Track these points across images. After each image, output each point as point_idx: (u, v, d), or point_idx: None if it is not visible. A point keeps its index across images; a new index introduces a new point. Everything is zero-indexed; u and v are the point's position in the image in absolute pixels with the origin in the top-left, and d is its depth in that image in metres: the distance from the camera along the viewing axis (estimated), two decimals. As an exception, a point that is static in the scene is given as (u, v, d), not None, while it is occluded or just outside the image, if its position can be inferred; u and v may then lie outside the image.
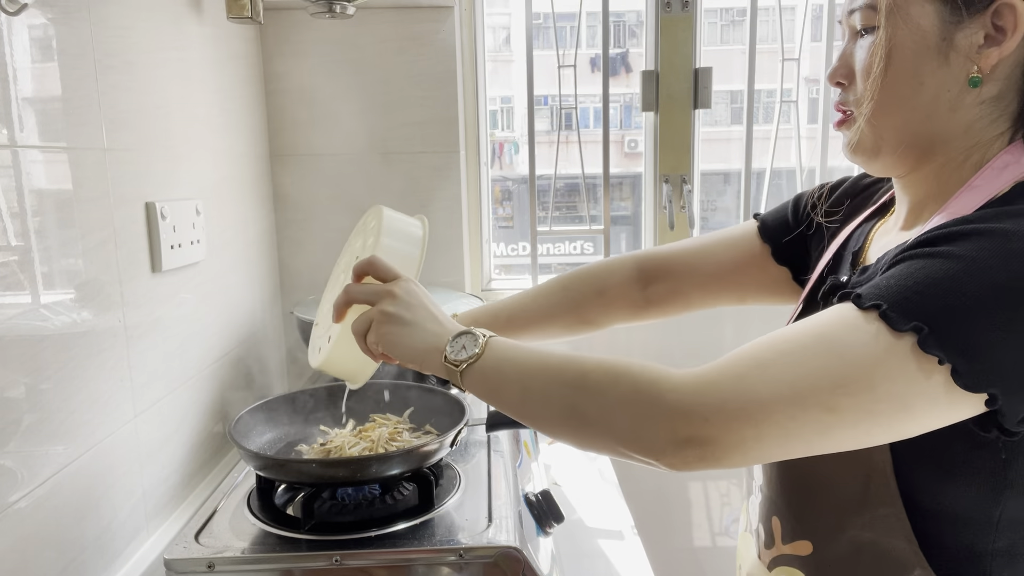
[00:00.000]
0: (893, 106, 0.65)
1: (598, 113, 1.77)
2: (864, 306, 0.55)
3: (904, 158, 0.68)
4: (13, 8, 0.74)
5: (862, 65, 0.66)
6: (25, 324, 0.79)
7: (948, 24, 0.62)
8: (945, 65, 0.63)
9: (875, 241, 0.76)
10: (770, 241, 0.90)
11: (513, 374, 0.67)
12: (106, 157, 0.94)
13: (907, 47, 0.63)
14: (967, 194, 0.63)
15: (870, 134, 0.67)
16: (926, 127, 0.65)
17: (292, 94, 1.59)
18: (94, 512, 0.91)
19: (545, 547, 0.93)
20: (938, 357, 0.52)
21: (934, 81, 0.63)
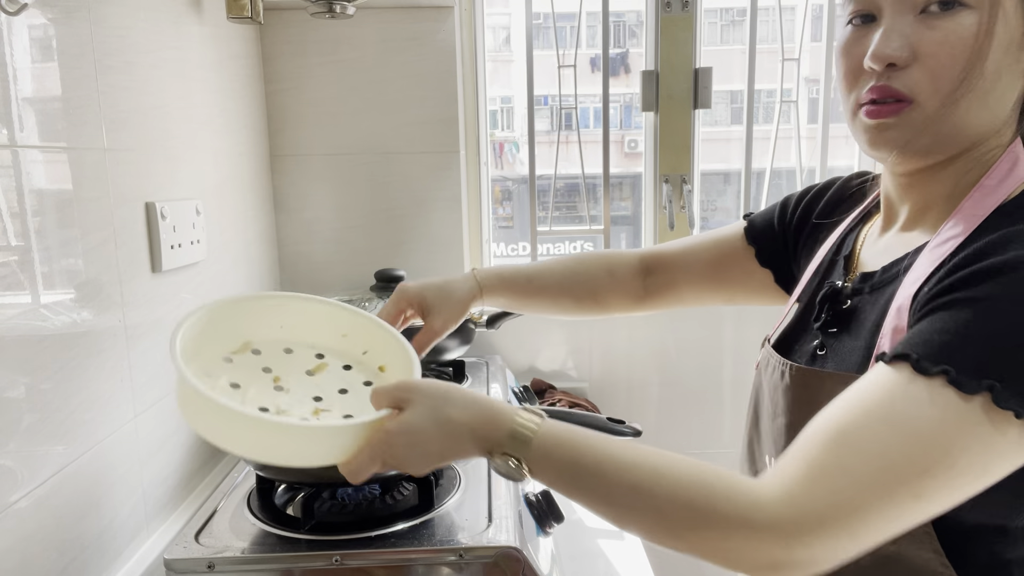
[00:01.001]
0: (963, 97, 0.60)
1: (598, 113, 1.77)
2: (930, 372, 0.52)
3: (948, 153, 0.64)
4: (13, 8, 0.74)
5: (946, 49, 0.59)
6: (25, 324, 0.79)
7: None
8: (1018, 63, 0.60)
9: (867, 243, 0.75)
10: (754, 243, 0.91)
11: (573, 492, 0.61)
12: (106, 157, 0.94)
13: (999, 37, 0.59)
14: (978, 196, 0.62)
15: (924, 124, 0.62)
16: (985, 122, 0.62)
17: (292, 94, 1.59)
18: (94, 512, 0.91)
19: (545, 547, 0.93)
20: (1015, 411, 0.51)
21: (1008, 78, 0.60)
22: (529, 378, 1.70)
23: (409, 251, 1.65)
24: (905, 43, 0.61)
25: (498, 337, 1.69)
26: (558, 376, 1.73)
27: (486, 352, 1.68)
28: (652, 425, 1.73)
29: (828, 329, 0.71)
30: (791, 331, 0.79)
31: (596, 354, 1.72)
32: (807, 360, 0.73)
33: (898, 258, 0.67)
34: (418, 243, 1.65)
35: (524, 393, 1.49)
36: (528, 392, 1.50)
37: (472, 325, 1.41)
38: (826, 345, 0.72)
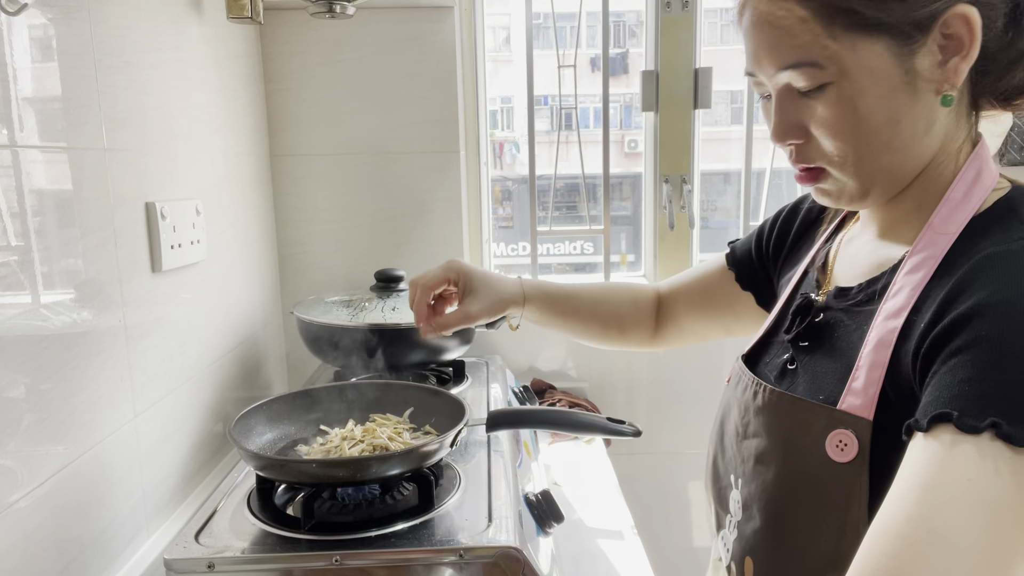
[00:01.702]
0: (877, 153, 0.63)
1: (598, 113, 1.77)
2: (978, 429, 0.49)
3: (894, 189, 0.66)
4: (13, 8, 0.74)
5: (826, 123, 0.63)
6: (25, 324, 0.79)
7: (903, 55, 0.59)
8: (915, 95, 0.61)
9: (841, 250, 0.75)
10: (734, 267, 0.93)
11: None
12: (106, 157, 0.94)
13: (872, 93, 0.60)
14: (945, 211, 0.62)
15: (857, 182, 0.65)
16: (912, 157, 0.63)
17: (292, 94, 1.59)
18: (94, 512, 0.91)
19: (545, 547, 0.93)
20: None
21: (911, 115, 0.61)
22: (529, 378, 1.70)
23: (409, 251, 1.65)
24: (793, 125, 0.65)
25: (498, 337, 1.69)
26: (558, 376, 1.73)
27: (486, 352, 1.68)
28: (651, 425, 1.73)
29: (799, 342, 0.71)
30: (762, 343, 0.79)
31: (596, 354, 1.72)
32: (776, 374, 0.72)
33: (874, 277, 0.66)
34: (418, 243, 1.65)
35: (524, 393, 1.49)
36: (528, 392, 1.50)
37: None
38: (796, 360, 0.70)
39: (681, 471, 1.78)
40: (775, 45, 0.62)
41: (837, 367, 0.65)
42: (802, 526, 0.63)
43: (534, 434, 1.37)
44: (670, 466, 1.77)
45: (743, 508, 0.71)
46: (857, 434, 0.59)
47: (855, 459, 0.59)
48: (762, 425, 0.69)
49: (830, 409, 0.62)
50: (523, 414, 1.12)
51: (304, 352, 1.46)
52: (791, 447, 0.65)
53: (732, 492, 0.73)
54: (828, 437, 0.61)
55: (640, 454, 1.73)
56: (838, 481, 0.60)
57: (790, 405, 0.66)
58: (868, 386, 0.60)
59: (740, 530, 0.71)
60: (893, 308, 0.60)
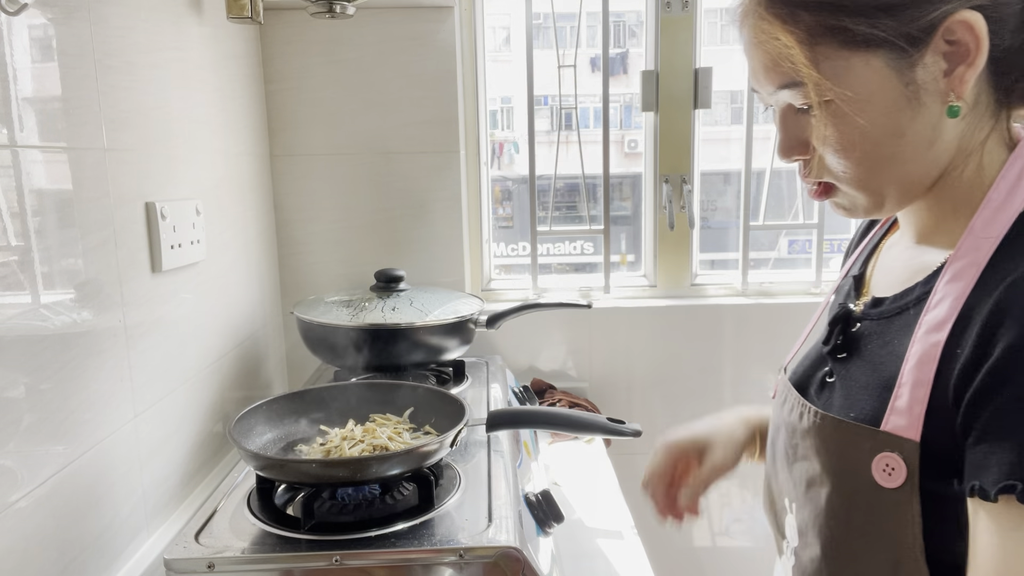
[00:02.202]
0: (882, 167, 0.61)
1: (598, 113, 1.77)
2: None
3: (909, 199, 0.65)
4: (13, 8, 0.74)
5: (825, 140, 0.62)
6: (25, 324, 0.79)
7: (901, 69, 0.58)
8: (919, 107, 0.59)
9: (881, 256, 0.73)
10: None
11: None
12: (106, 157, 0.94)
13: (871, 109, 0.59)
14: (988, 214, 0.59)
15: (866, 196, 0.64)
16: (922, 167, 0.62)
17: (292, 94, 1.59)
18: (94, 512, 0.91)
19: (545, 547, 0.93)
20: None
21: (915, 127, 0.60)
22: (529, 378, 1.70)
23: (409, 251, 1.65)
24: (797, 142, 0.65)
25: (498, 337, 1.69)
26: (558, 376, 1.73)
27: (486, 352, 1.68)
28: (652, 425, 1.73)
29: (837, 354, 0.69)
30: (802, 353, 0.77)
31: (596, 354, 1.72)
32: (816, 388, 0.70)
33: (908, 288, 0.64)
34: (418, 243, 1.65)
35: (524, 393, 1.49)
36: (528, 392, 1.50)
37: (472, 325, 1.41)
38: (835, 372, 0.68)
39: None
40: (768, 66, 0.63)
41: (871, 381, 0.62)
42: (858, 555, 0.61)
43: (534, 434, 1.37)
44: (670, 466, 1.77)
45: (799, 534, 0.68)
46: (904, 457, 0.56)
47: (904, 484, 0.56)
48: (810, 448, 0.66)
49: (873, 431, 0.58)
50: (523, 414, 1.12)
51: (304, 352, 1.46)
52: (839, 472, 0.62)
53: (787, 516, 0.71)
54: (874, 461, 0.58)
55: (640, 454, 1.72)
56: (889, 507, 0.57)
57: (834, 427, 0.63)
58: (913, 405, 0.56)
59: (798, 557, 0.69)
60: (935, 320, 0.57)
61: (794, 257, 1.97)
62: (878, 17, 0.57)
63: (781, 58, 0.60)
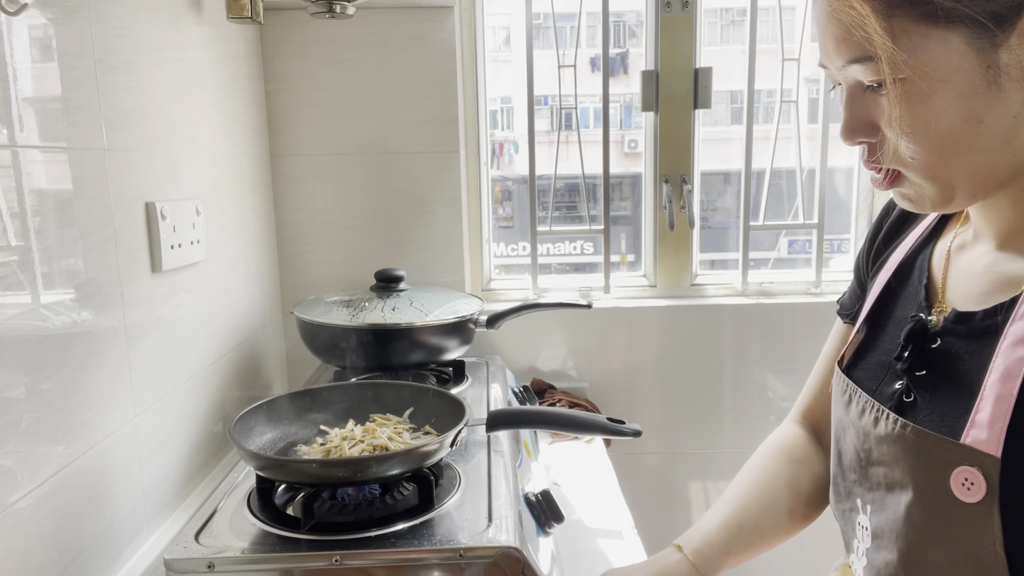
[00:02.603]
0: (955, 155, 0.57)
1: (598, 113, 1.77)
2: None
3: (983, 194, 0.61)
4: (13, 8, 0.74)
5: (895, 122, 0.58)
6: (25, 324, 0.79)
7: (983, 49, 0.54)
8: (1000, 93, 0.55)
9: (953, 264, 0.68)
10: (850, 318, 0.84)
11: None
12: (106, 157, 0.94)
13: (946, 92, 0.55)
14: None
15: (936, 187, 0.60)
16: (999, 159, 0.58)
17: (292, 94, 1.59)
18: (94, 512, 0.91)
19: (545, 547, 0.93)
20: None
21: (994, 114, 0.56)
22: (529, 378, 1.70)
23: (409, 251, 1.65)
24: (863, 123, 0.61)
25: (498, 337, 1.69)
26: (558, 376, 1.73)
27: (486, 352, 1.68)
28: (652, 425, 1.73)
29: (914, 371, 0.65)
30: (862, 352, 0.74)
31: (596, 354, 1.72)
32: (894, 405, 0.66)
33: (1003, 303, 0.59)
34: (418, 243, 1.65)
35: (524, 393, 1.49)
36: (528, 392, 1.50)
37: (472, 325, 1.41)
38: (914, 390, 0.65)
39: (681, 471, 1.78)
40: (840, 38, 0.58)
41: (961, 402, 0.59)
42: (935, 566, 0.59)
43: (534, 434, 1.37)
44: (670, 466, 1.77)
45: (872, 536, 0.67)
46: (984, 472, 0.55)
47: (984, 499, 0.55)
48: (888, 455, 0.64)
49: (952, 443, 0.57)
50: (523, 414, 1.12)
51: (304, 352, 1.46)
52: (919, 483, 0.60)
53: (859, 516, 0.69)
54: (953, 474, 0.56)
55: (640, 454, 1.73)
56: (968, 522, 0.56)
57: (915, 436, 0.61)
58: (995, 420, 0.54)
59: (870, 558, 0.67)
60: (1021, 333, 0.55)
61: (794, 257, 1.97)
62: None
63: (855, 27, 0.56)
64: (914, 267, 0.71)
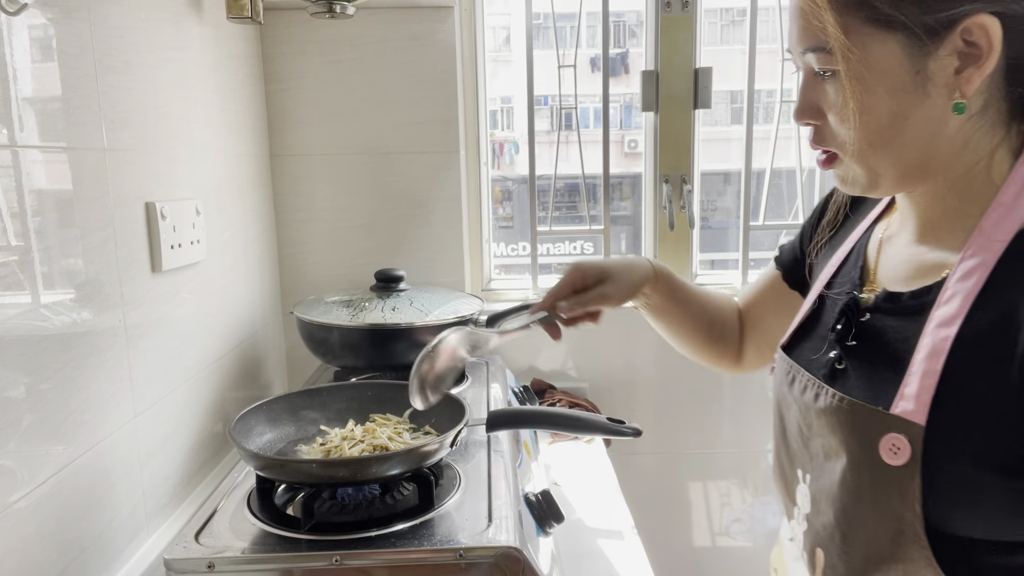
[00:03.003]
0: (881, 145, 0.65)
1: (598, 113, 1.77)
2: None
3: (904, 184, 0.68)
4: (13, 8, 0.74)
5: (834, 108, 0.66)
6: (25, 324, 0.79)
7: (915, 56, 0.61)
8: (926, 96, 0.62)
9: (884, 250, 0.75)
10: (781, 267, 0.95)
11: None
12: (106, 157, 0.94)
13: (878, 87, 0.62)
14: (996, 216, 0.62)
15: (864, 171, 0.67)
16: (922, 155, 0.65)
17: (292, 94, 1.59)
18: (94, 512, 0.91)
19: (545, 547, 0.93)
20: None
21: (919, 113, 0.63)
22: (529, 378, 1.70)
23: (409, 251, 1.65)
24: (811, 106, 0.69)
25: (498, 337, 1.68)
26: (558, 376, 1.73)
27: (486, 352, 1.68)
28: (651, 425, 1.73)
29: (845, 342, 0.72)
30: (804, 332, 0.80)
31: (596, 354, 1.72)
32: (826, 373, 0.73)
33: (926, 285, 0.66)
34: (418, 243, 1.65)
35: (524, 393, 1.49)
36: (528, 392, 1.50)
37: (472, 325, 1.41)
38: (846, 360, 0.71)
39: (681, 471, 1.78)
40: (802, 28, 0.66)
41: (888, 374, 0.66)
42: (865, 523, 0.66)
43: (534, 434, 1.37)
44: (670, 466, 1.77)
45: (812, 502, 0.73)
46: (910, 439, 0.61)
47: (908, 463, 0.61)
48: (825, 426, 0.70)
49: (884, 414, 0.63)
50: (523, 414, 1.12)
51: (304, 352, 1.46)
52: (852, 449, 0.66)
53: (799, 486, 0.75)
54: (882, 440, 0.63)
55: (640, 454, 1.73)
56: (893, 483, 0.62)
57: (849, 408, 0.67)
58: (921, 393, 0.61)
59: (810, 523, 0.74)
60: (945, 316, 0.61)
61: (794, 257, 1.97)
62: (902, 3, 0.60)
63: (815, 19, 0.64)
64: (854, 252, 0.79)
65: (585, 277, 0.94)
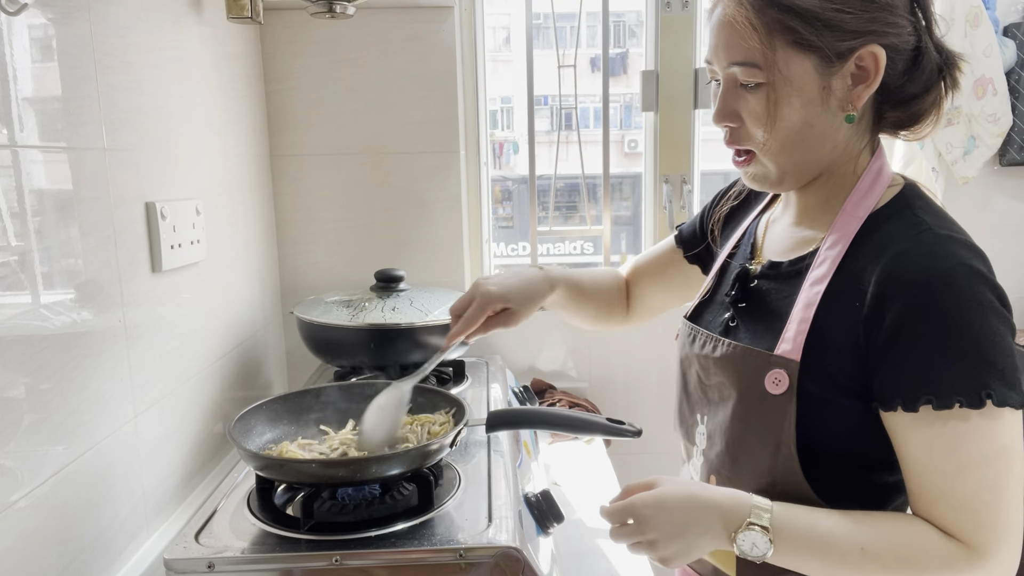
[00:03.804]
0: (791, 147, 0.77)
1: (598, 113, 1.77)
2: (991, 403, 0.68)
3: (803, 179, 0.81)
4: (13, 8, 0.74)
5: (755, 114, 0.77)
6: (25, 324, 0.79)
7: (824, 74, 0.74)
8: (827, 108, 0.76)
9: (769, 232, 0.90)
10: (681, 245, 1.07)
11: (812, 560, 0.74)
12: (106, 157, 0.94)
13: (795, 99, 0.75)
14: (856, 199, 0.78)
15: (774, 169, 0.80)
16: (818, 156, 0.79)
17: (292, 94, 1.59)
18: (94, 512, 0.91)
19: (545, 547, 0.93)
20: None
21: (821, 122, 0.76)
22: (529, 378, 1.70)
23: (409, 251, 1.65)
24: (732, 111, 0.79)
25: (498, 337, 1.69)
26: (558, 376, 1.73)
27: (486, 352, 1.68)
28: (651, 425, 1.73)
29: (738, 304, 0.86)
30: (703, 304, 0.93)
31: (595, 354, 1.72)
32: (721, 330, 0.86)
33: (801, 255, 0.81)
34: (418, 243, 1.65)
35: (524, 393, 1.49)
36: (528, 392, 1.50)
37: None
38: (737, 318, 0.85)
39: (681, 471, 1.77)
40: (730, 43, 0.77)
41: (771, 325, 0.80)
42: (750, 446, 0.79)
43: (534, 434, 1.37)
44: (670, 466, 1.76)
45: (707, 438, 0.87)
46: (788, 372, 0.75)
47: (786, 392, 0.75)
48: (720, 369, 0.83)
49: (768, 354, 0.77)
50: (523, 414, 1.12)
51: (304, 352, 1.46)
52: (742, 385, 0.80)
53: (698, 428, 0.89)
54: (767, 376, 0.77)
55: (640, 454, 1.73)
56: (774, 409, 0.76)
57: (741, 352, 0.81)
58: (796, 336, 0.76)
59: (705, 456, 0.87)
60: (817, 276, 0.77)
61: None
62: (821, 31, 0.72)
63: (746, 38, 0.75)
64: (745, 235, 0.94)
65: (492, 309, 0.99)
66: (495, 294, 0.98)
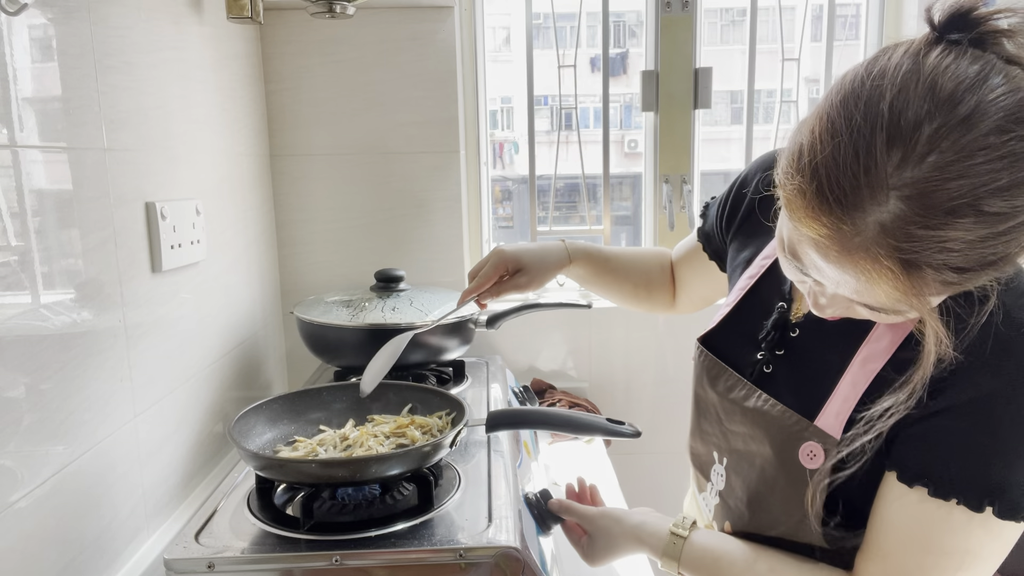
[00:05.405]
0: None
1: (598, 113, 1.77)
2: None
3: None
4: (13, 8, 0.74)
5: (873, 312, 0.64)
6: (25, 324, 0.79)
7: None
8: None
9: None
10: (703, 239, 1.04)
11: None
12: (106, 157, 0.94)
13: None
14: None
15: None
16: None
17: (292, 94, 1.59)
18: (94, 512, 0.91)
19: (545, 547, 0.93)
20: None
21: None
22: (529, 378, 1.70)
23: (409, 251, 1.65)
24: (840, 310, 0.67)
25: (498, 337, 1.69)
26: (558, 376, 1.73)
27: (486, 352, 1.68)
28: (650, 425, 1.73)
29: (774, 350, 0.80)
30: (726, 331, 0.88)
31: (595, 354, 1.72)
32: (756, 375, 0.81)
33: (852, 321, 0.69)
34: (418, 243, 1.65)
35: (524, 393, 1.49)
36: (528, 392, 1.50)
37: (472, 325, 1.41)
38: (773, 364, 0.80)
39: (681, 471, 1.77)
40: (861, 291, 0.60)
41: (813, 388, 0.75)
42: (772, 508, 0.78)
43: (534, 434, 1.37)
44: (670, 466, 1.77)
45: (726, 481, 0.85)
46: (825, 448, 0.71)
47: (820, 467, 0.71)
48: (750, 422, 0.80)
49: (807, 423, 0.73)
50: (523, 414, 1.12)
51: (304, 352, 1.46)
52: (773, 448, 0.76)
53: (715, 466, 0.87)
54: (802, 447, 0.73)
55: (640, 454, 1.73)
56: (805, 480, 0.72)
57: (779, 413, 0.76)
58: (840, 413, 0.71)
59: (723, 499, 0.85)
60: (873, 353, 0.70)
61: (794, 257, 1.97)
62: (981, 274, 0.58)
63: (889, 297, 0.59)
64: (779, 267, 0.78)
65: (505, 268, 1.04)
66: (509, 255, 1.03)
